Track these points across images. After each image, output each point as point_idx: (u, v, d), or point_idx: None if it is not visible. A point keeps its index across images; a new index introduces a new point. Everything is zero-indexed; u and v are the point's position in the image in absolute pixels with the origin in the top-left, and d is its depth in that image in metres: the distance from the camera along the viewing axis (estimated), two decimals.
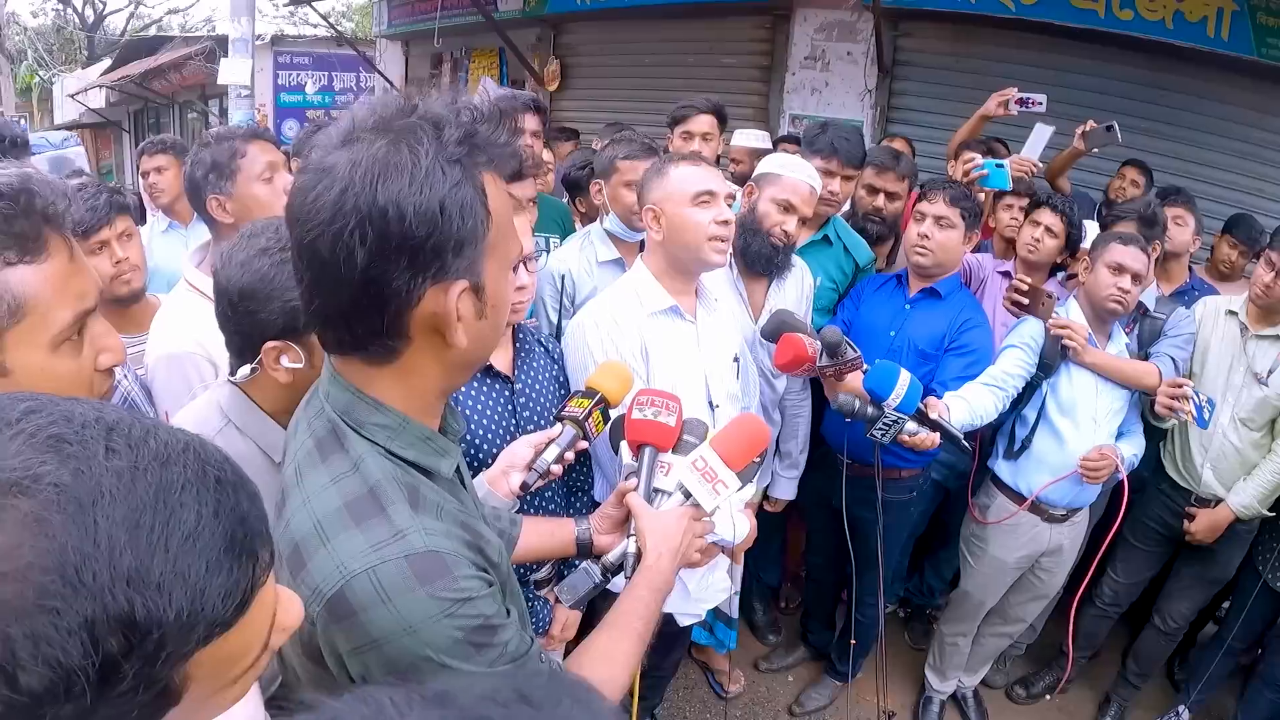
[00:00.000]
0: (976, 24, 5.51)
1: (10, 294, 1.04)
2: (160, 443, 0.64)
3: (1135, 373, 2.98)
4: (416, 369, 1.05)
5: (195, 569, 0.61)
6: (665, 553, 1.50)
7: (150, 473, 0.61)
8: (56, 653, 0.55)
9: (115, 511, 0.58)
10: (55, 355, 1.10)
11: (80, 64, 25.73)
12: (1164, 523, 3.33)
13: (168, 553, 0.59)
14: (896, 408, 2.28)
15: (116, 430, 0.62)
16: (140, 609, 0.57)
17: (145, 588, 0.58)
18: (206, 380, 2.07)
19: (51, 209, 1.10)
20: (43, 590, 0.55)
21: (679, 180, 2.30)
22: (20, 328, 1.06)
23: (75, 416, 0.62)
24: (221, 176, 2.33)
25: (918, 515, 3.53)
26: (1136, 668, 3.61)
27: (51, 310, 1.08)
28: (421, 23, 9.39)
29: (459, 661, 0.99)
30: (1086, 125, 3.67)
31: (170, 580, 0.59)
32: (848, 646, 3.29)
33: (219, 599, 0.62)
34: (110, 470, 0.59)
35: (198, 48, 13.78)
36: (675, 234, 2.30)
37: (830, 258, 3.34)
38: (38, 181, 1.10)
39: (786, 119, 6.43)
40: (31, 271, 1.06)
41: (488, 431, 2.09)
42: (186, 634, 0.61)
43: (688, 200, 2.27)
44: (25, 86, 26.51)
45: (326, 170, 0.93)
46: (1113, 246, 2.90)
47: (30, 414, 0.61)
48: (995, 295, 3.40)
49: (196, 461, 0.65)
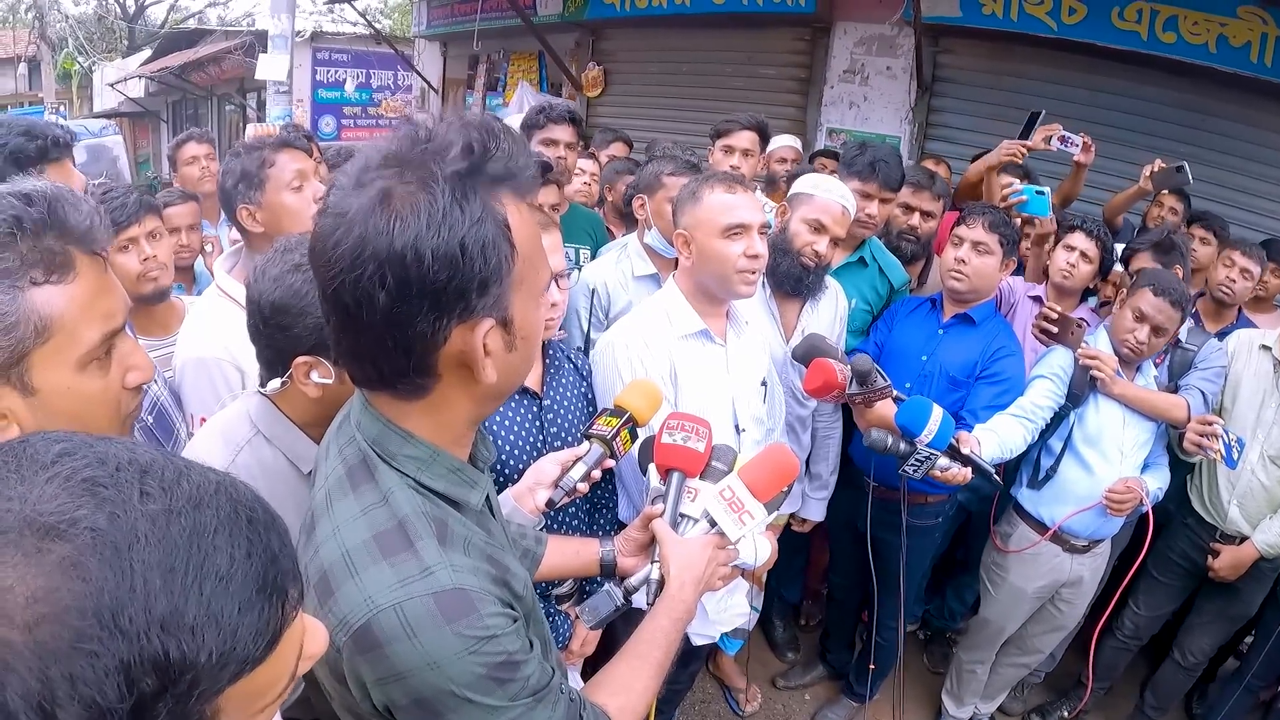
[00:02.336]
0: (1018, 42, 5.48)
1: (36, 314, 1.05)
2: (193, 485, 0.65)
3: (1164, 405, 2.95)
4: (446, 403, 1.05)
5: (228, 611, 0.62)
6: (688, 581, 1.50)
7: (184, 516, 0.62)
8: (93, 693, 0.56)
9: (150, 556, 0.59)
10: (83, 374, 1.10)
11: (120, 53, 26.05)
12: (1187, 557, 3.28)
13: (201, 595, 0.61)
14: (929, 444, 2.26)
15: (150, 473, 0.64)
16: (175, 651, 0.59)
17: (180, 631, 0.59)
18: (233, 386, 2.09)
19: (81, 228, 1.10)
20: (80, 634, 0.56)
21: (711, 209, 2.28)
22: (47, 348, 1.06)
23: (109, 459, 0.63)
24: (251, 186, 2.35)
25: (940, 536, 3.50)
26: (1155, 701, 3.57)
27: (79, 331, 1.09)
28: (460, 24, 9.46)
29: (481, 695, 1.01)
30: (1155, 165, 3.55)
31: (204, 623, 0.60)
32: (866, 668, 3.28)
33: (250, 638, 0.64)
34: (145, 514, 0.61)
35: (237, 42, 13.96)
36: (704, 263, 2.29)
37: (865, 279, 3.32)
38: (67, 199, 1.10)
39: (823, 132, 6.41)
40: (58, 292, 1.07)
41: (515, 448, 2.10)
42: (218, 673, 0.62)
43: (718, 232, 2.25)
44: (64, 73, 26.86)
45: (343, 215, 0.92)
46: (1144, 292, 2.86)
47: (64, 456, 0.62)
48: (1025, 320, 3.37)
49: (229, 503, 0.66)
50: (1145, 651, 3.68)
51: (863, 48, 6.17)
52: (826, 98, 6.42)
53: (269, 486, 1.56)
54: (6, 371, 1.04)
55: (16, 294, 1.03)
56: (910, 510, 2.77)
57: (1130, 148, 5.12)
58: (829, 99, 6.41)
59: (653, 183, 3.07)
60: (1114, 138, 5.13)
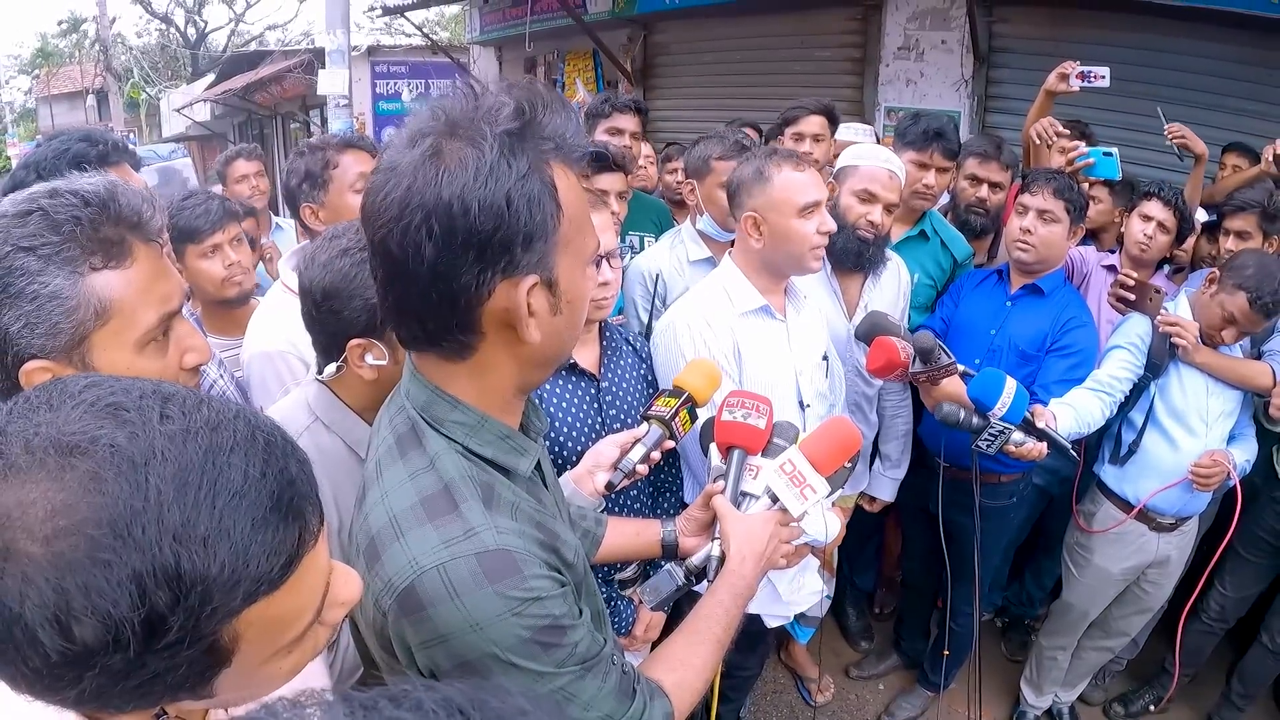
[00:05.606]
0: (1074, 6, 5.28)
1: (96, 298, 1.11)
2: (213, 411, 0.68)
3: (1249, 373, 2.82)
4: (491, 365, 1.05)
5: (240, 526, 0.64)
6: (749, 557, 1.47)
7: (201, 436, 0.65)
8: (107, 605, 0.58)
9: (166, 470, 0.62)
10: (141, 355, 1.16)
11: (185, 80, 26.94)
12: (1276, 533, 3.10)
13: (214, 509, 0.62)
14: (1002, 417, 2.21)
15: (172, 400, 0.66)
16: (186, 562, 0.61)
17: (191, 542, 0.61)
18: (299, 377, 2.12)
19: (136, 217, 1.17)
20: (95, 543, 0.58)
21: (785, 188, 2.25)
22: (106, 329, 1.13)
23: (134, 389, 0.66)
24: (314, 186, 2.39)
25: (1019, 522, 3.40)
26: (1241, 688, 3.38)
27: (136, 313, 1.15)
28: (513, 27, 9.51)
29: (525, 660, 1.00)
30: (1276, 146, 3.38)
31: (216, 536, 0.62)
32: (941, 656, 3.20)
33: (263, 556, 0.65)
34: (163, 433, 0.63)
35: (296, 60, 14.24)
36: (779, 243, 2.26)
37: (927, 253, 3.24)
38: (122, 191, 1.16)
39: (882, 112, 6.29)
40: (117, 276, 1.13)
41: (573, 430, 2.09)
42: (232, 589, 0.63)
43: (794, 211, 2.23)
44: (132, 102, 27.86)
45: (394, 169, 0.95)
46: (1240, 298, 2.65)
47: (91, 387, 0.66)
48: (1100, 290, 3.23)
49: (246, 427, 0.68)
50: (1232, 636, 3.50)
51: (915, 23, 6.03)
52: (883, 76, 6.28)
53: (328, 472, 1.57)
54: (69, 353, 1.11)
55: (78, 279, 1.10)
56: (983, 490, 2.71)
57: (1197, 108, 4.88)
58: (885, 78, 6.27)
59: (701, 168, 3.03)
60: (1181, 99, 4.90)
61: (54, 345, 1.09)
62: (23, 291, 1.07)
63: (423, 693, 0.49)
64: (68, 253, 1.09)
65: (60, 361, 1.11)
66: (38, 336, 1.08)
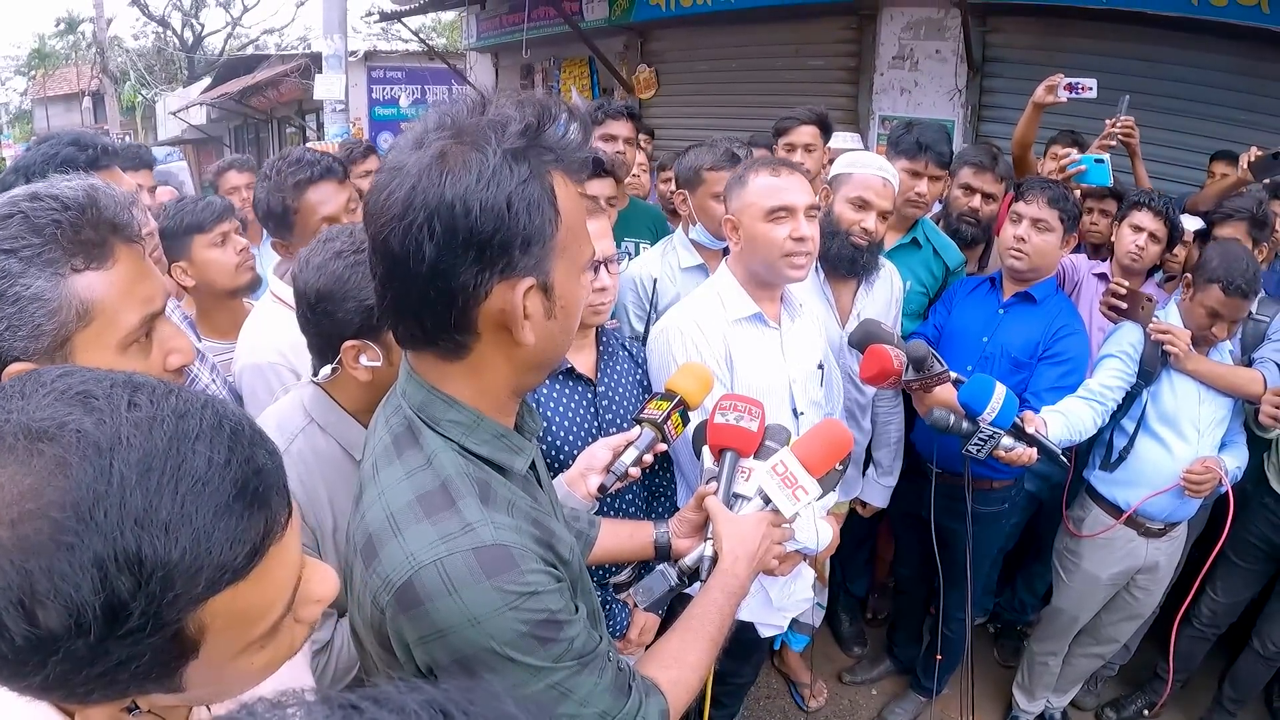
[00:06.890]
0: (1066, 16, 5.33)
1: (78, 299, 1.11)
2: (181, 400, 0.68)
3: (1240, 380, 2.83)
4: (487, 366, 1.06)
5: (203, 512, 0.64)
6: (741, 557, 1.49)
7: (167, 423, 0.65)
8: (69, 588, 0.58)
9: (131, 456, 0.62)
10: (123, 357, 1.16)
11: (181, 83, 26.85)
12: (1266, 539, 3.12)
13: (176, 495, 0.63)
14: (992, 422, 2.22)
15: (141, 389, 0.67)
16: (147, 547, 0.61)
17: (152, 527, 0.61)
18: (290, 389, 2.11)
19: (118, 218, 1.17)
20: (59, 526, 0.59)
21: (755, 193, 2.26)
22: (88, 331, 1.13)
23: (105, 379, 0.67)
24: (280, 225, 2.35)
25: (1010, 528, 3.41)
26: (1233, 693, 3.40)
27: (119, 314, 1.15)
28: (509, 34, 9.52)
29: (522, 655, 1.00)
30: (1251, 153, 3.41)
31: (177, 521, 0.62)
32: (934, 662, 3.21)
33: (227, 544, 0.65)
34: (129, 420, 0.64)
35: (293, 65, 14.29)
36: (751, 247, 2.28)
37: (920, 261, 3.26)
38: (103, 193, 1.17)
39: (876, 121, 6.33)
40: (98, 277, 1.13)
41: (570, 434, 2.10)
42: (194, 576, 0.63)
43: (762, 215, 2.23)
44: (129, 105, 27.80)
45: (399, 169, 0.97)
46: (1213, 290, 2.71)
47: (63, 376, 0.67)
48: (1091, 298, 3.26)
49: (214, 416, 0.68)
50: (1224, 642, 3.52)
51: (910, 32, 6.08)
52: (877, 85, 6.32)
53: (323, 473, 1.59)
54: (52, 354, 1.11)
55: (59, 281, 1.10)
56: (975, 497, 2.72)
57: (1189, 118, 4.98)
58: (880, 86, 6.31)
59: (692, 178, 3.03)
60: (1172, 109, 5.00)
61: (36, 347, 1.10)
62: (4, 294, 1.08)
63: (407, 694, 0.48)
64: (49, 255, 1.10)
65: (43, 363, 1.09)
66: (20, 339, 1.09)
